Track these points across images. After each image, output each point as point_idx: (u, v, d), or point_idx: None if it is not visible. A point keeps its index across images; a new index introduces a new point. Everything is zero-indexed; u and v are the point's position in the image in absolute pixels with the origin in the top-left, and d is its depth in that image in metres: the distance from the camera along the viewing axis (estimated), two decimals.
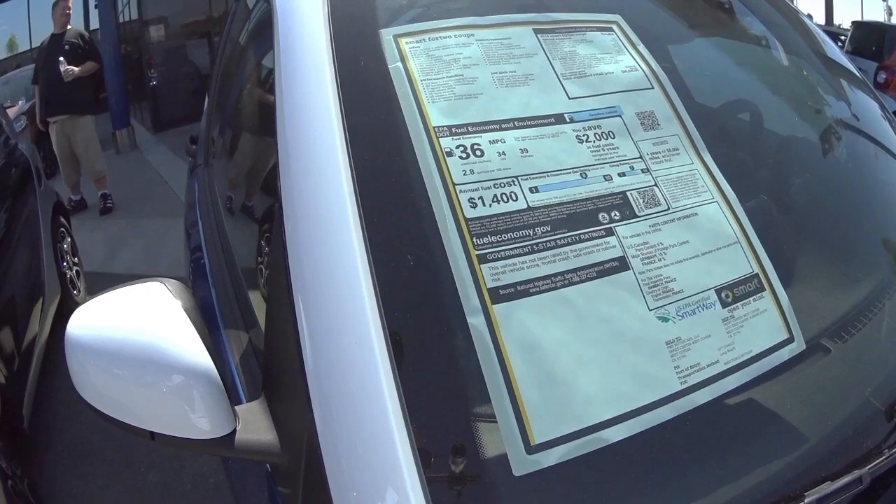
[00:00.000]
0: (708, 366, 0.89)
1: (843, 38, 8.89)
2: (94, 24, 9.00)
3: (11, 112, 7.03)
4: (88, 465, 2.87)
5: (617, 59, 1.13)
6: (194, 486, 2.66)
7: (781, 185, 1.30)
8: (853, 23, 9.32)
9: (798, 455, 0.89)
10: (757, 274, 0.99)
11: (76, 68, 5.49)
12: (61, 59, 5.45)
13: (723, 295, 0.95)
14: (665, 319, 0.90)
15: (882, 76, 7.44)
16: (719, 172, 1.06)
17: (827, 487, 0.85)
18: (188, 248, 2.28)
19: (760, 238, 1.02)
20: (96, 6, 8.77)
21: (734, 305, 0.95)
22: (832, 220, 1.27)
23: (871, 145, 1.44)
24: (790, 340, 0.96)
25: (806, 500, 0.83)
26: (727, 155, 1.14)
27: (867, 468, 0.87)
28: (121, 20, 9.52)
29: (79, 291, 4.11)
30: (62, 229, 4.13)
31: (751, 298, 0.97)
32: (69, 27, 5.74)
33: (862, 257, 1.24)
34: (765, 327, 0.96)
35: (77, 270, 4.24)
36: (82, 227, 5.37)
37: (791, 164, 1.35)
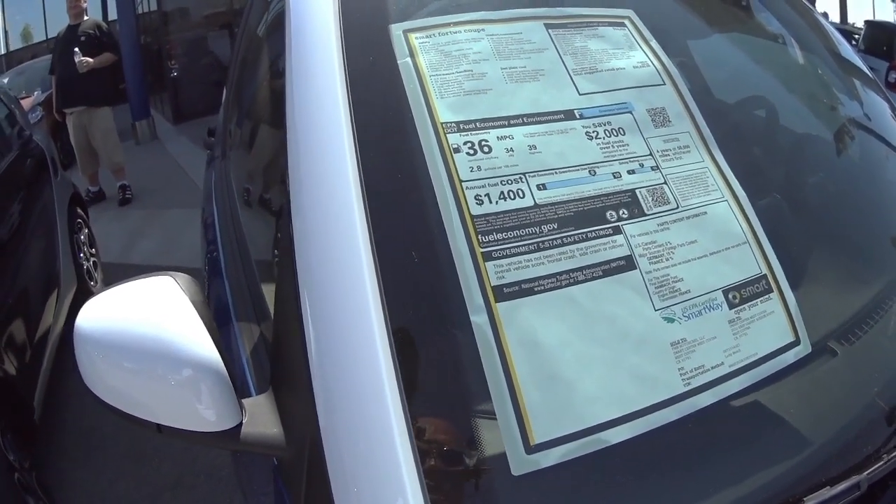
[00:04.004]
0: (712, 368, 0.88)
1: (856, 36, 8.80)
2: (113, 14, 9.05)
3: (27, 103, 7.07)
4: (99, 457, 2.87)
5: (629, 54, 1.12)
6: (207, 478, 2.66)
7: (791, 184, 1.28)
8: (866, 22, 9.23)
9: (799, 459, 0.88)
10: (765, 275, 0.97)
11: (91, 59, 5.51)
12: (76, 50, 5.47)
13: (730, 296, 0.94)
14: (671, 320, 0.89)
15: (893, 76, 7.36)
16: (730, 171, 1.04)
17: (826, 493, 0.84)
18: (204, 239, 2.30)
19: (769, 238, 1.00)
20: None
21: (741, 307, 0.94)
22: (841, 222, 1.25)
23: (881, 146, 1.42)
24: (796, 343, 0.94)
25: None
26: (738, 153, 1.12)
27: (865, 474, 0.86)
28: (140, 11, 9.55)
29: (95, 282, 4.13)
30: (79, 220, 4.16)
31: (758, 300, 0.95)
32: (86, 18, 5.76)
33: (870, 260, 1.22)
34: (771, 329, 0.94)
35: (94, 261, 4.27)
36: (101, 218, 5.41)
37: (801, 164, 1.33)
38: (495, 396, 0.78)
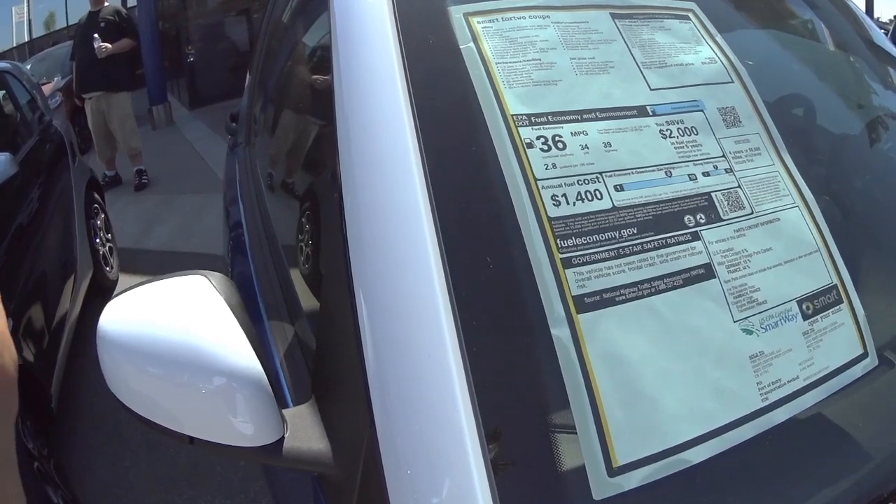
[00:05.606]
0: (788, 382, 0.83)
1: (884, 31, 8.68)
2: (132, 0, 9.10)
3: (47, 88, 7.13)
4: (116, 445, 2.87)
5: (696, 49, 1.06)
6: (224, 468, 2.64)
7: (860, 191, 1.23)
8: None
9: (862, 474, 0.84)
10: (835, 285, 0.93)
11: (109, 45, 5.56)
12: (96, 35, 5.54)
13: (804, 307, 0.89)
14: (749, 332, 0.84)
15: None
16: (799, 175, 0.99)
17: None
18: (227, 226, 2.24)
19: (839, 247, 0.95)
20: None
21: (814, 318, 0.89)
22: None
23: None
24: (864, 356, 0.90)
25: None
26: (806, 157, 1.07)
27: None
28: None
29: (111, 268, 4.14)
30: (96, 205, 4.17)
31: (830, 311, 0.91)
32: (106, 4, 5.85)
33: None
34: (842, 342, 0.90)
35: (110, 247, 4.27)
36: (117, 203, 5.44)
37: (869, 171, 1.27)
38: (577, 416, 0.72)
